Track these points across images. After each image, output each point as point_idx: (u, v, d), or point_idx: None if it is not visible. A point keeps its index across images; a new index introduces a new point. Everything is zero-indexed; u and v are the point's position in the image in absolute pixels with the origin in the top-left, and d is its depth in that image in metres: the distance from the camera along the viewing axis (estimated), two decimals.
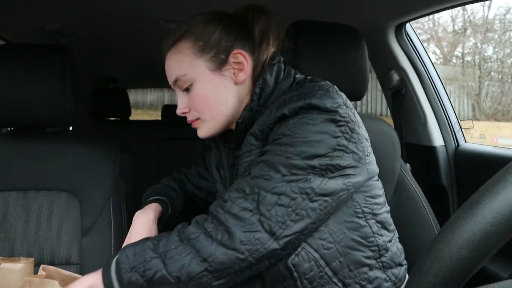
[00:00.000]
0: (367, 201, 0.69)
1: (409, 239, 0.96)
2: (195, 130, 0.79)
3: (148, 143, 2.44)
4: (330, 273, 0.67)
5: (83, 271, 0.90)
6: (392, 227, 0.76)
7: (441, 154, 1.46)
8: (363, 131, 0.70)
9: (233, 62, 0.74)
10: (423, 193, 1.05)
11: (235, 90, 0.75)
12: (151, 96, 7.72)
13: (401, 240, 0.79)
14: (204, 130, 0.77)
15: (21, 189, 0.97)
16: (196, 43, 0.73)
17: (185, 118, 0.78)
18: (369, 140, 0.72)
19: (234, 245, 0.60)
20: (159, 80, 3.11)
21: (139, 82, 3.21)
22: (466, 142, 1.50)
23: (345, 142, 0.64)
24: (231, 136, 0.80)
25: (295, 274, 0.66)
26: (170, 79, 0.77)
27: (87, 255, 0.94)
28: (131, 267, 0.63)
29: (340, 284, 0.67)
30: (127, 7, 1.35)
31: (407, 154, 1.50)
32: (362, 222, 0.68)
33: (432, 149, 1.47)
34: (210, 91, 0.74)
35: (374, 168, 0.72)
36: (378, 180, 0.75)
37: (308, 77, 0.76)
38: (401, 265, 0.75)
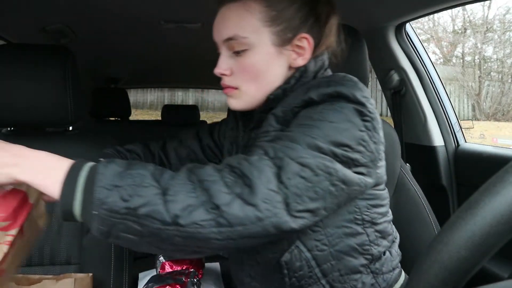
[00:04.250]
0: (368, 209, 0.68)
1: (409, 239, 0.96)
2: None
3: None
4: (319, 275, 0.67)
5: (83, 271, 0.90)
6: (391, 236, 0.74)
7: (441, 154, 1.47)
8: (382, 133, 0.67)
9: (296, 45, 0.69)
10: (423, 193, 1.05)
11: (286, 72, 0.71)
12: (151, 96, 7.73)
13: (401, 240, 0.79)
14: (239, 102, 0.72)
15: None
16: (269, 10, 0.67)
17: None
18: (384, 146, 0.68)
19: (255, 201, 0.50)
20: (159, 80, 3.14)
21: (139, 82, 3.21)
22: (466, 142, 1.50)
23: (367, 139, 0.61)
24: (252, 115, 0.75)
25: (285, 271, 0.67)
26: (223, 34, 0.69)
27: (87, 255, 0.94)
28: (114, 185, 0.48)
29: (327, 286, 0.67)
30: (127, 7, 1.35)
31: (407, 154, 1.50)
32: (360, 229, 0.67)
33: (432, 149, 1.47)
34: (264, 65, 0.69)
35: (383, 175, 0.69)
36: (385, 190, 0.72)
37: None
38: (393, 269, 0.73)
